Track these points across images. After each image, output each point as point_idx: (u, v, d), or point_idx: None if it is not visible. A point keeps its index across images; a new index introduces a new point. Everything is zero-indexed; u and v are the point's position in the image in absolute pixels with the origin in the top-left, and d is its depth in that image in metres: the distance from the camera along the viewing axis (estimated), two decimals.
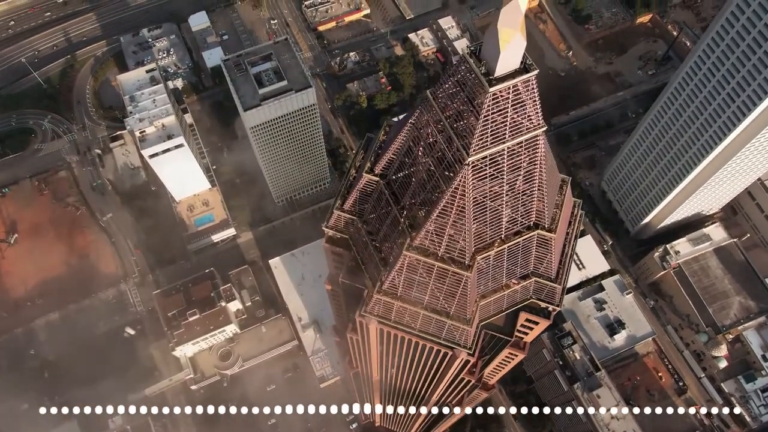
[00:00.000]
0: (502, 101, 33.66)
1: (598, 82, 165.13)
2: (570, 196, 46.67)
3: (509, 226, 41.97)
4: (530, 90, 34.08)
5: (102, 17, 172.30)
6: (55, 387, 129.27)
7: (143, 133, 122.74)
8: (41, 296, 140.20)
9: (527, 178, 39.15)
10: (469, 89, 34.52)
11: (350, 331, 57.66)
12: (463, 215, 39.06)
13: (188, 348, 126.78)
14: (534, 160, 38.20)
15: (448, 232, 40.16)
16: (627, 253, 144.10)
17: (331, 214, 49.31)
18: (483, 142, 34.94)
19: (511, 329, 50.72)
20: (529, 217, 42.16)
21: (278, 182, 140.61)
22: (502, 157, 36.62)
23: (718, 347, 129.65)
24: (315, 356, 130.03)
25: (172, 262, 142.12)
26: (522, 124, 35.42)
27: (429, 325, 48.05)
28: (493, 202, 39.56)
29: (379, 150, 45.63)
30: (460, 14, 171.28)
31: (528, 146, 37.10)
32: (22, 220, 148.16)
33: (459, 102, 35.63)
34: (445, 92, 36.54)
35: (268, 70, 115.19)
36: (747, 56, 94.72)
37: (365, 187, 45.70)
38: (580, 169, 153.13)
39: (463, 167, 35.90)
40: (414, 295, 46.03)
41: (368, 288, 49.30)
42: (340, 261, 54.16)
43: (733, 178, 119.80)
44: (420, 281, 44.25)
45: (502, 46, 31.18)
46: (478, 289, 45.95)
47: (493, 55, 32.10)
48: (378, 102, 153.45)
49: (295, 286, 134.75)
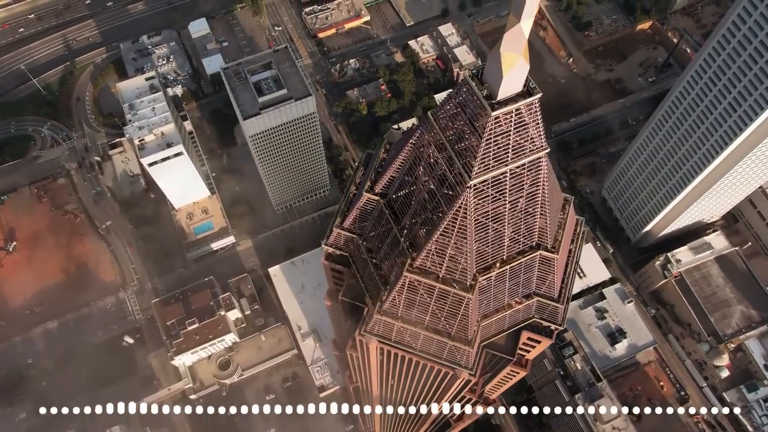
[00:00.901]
0: (505, 124, 33.18)
1: (599, 89, 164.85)
2: (573, 215, 46.16)
3: (511, 246, 41.44)
4: (533, 113, 33.61)
5: (101, 24, 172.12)
6: (54, 396, 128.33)
7: (142, 141, 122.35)
8: (40, 304, 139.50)
9: (530, 199, 38.63)
10: (470, 111, 34.03)
11: (350, 348, 57.05)
12: (465, 236, 38.53)
13: (187, 357, 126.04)
14: (536, 182, 37.69)
15: (450, 253, 39.63)
16: (628, 261, 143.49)
17: (330, 232, 48.79)
18: (485, 165, 34.45)
19: (513, 348, 50.13)
20: (532, 237, 41.64)
21: (278, 190, 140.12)
22: (505, 178, 36.13)
23: (719, 356, 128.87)
24: (314, 365, 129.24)
25: (172, 270, 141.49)
26: (525, 147, 34.93)
27: (430, 345, 47.47)
28: (495, 223, 39.04)
29: (380, 168, 45.12)
30: (460, 21, 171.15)
31: (530, 168, 36.60)
32: (20, 228, 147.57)
33: (460, 124, 35.14)
34: (447, 113, 36.07)
35: (267, 79, 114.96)
36: (749, 66, 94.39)
37: (365, 205, 45.18)
38: (581, 177, 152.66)
39: (464, 190, 35.40)
40: (415, 316, 45.45)
41: (368, 306, 48.72)
42: (340, 278, 53.62)
43: (735, 186, 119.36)
44: (421, 302, 43.67)
45: (505, 70, 30.70)
46: (479, 310, 45.39)
47: (496, 79, 31.62)
48: (378, 109, 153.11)
49: (295, 294, 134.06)
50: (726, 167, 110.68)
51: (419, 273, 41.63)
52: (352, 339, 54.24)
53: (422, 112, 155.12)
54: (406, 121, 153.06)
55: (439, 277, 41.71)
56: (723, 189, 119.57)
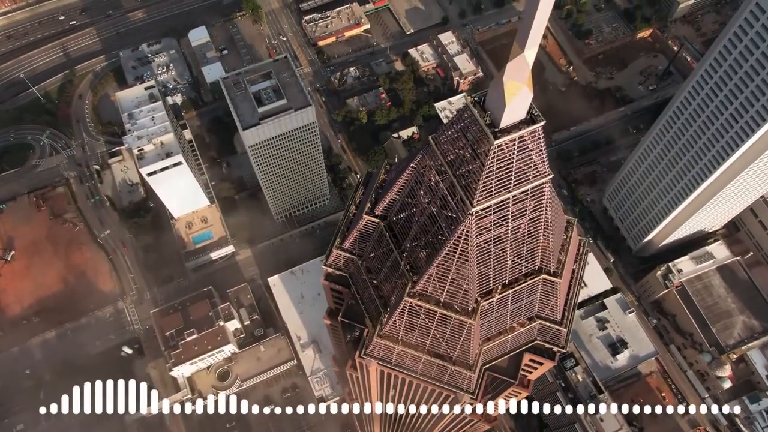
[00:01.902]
0: (507, 152, 32.66)
1: (599, 97, 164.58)
2: (576, 236, 45.61)
3: (514, 270, 40.86)
4: (536, 140, 33.10)
5: (101, 32, 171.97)
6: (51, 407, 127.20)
7: (141, 151, 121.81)
8: (38, 314, 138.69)
9: (532, 223, 38.10)
10: (472, 138, 33.53)
11: (349, 368, 56.37)
12: (467, 262, 37.95)
13: (186, 368, 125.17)
14: (540, 207, 37.15)
15: (451, 278, 39.02)
16: (629, 271, 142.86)
17: (330, 253, 48.22)
18: (487, 192, 33.91)
19: (515, 370, 49.48)
20: (534, 261, 41.07)
21: (277, 199, 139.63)
22: (507, 204, 35.58)
23: (721, 367, 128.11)
24: (314, 376, 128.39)
25: (170, 280, 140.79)
26: (528, 173, 34.41)
27: (431, 369, 46.82)
28: (497, 248, 38.48)
29: (380, 190, 44.58)
30: (461, 29, 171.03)
31: (533, 193, 36.08)
32: (19, 237, 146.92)
33: (462, 149, 34.64)
34: (448, 138, 35.56)
35: (267, 89, 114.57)
36: (750, 78, 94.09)
37: (365, 227, 44.63)
38: (581, 186, 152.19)
39: (466, 216, 34.86)
40: (416, 339, 44.81)
41: (368, 328, 48.11)
42: (340, 297, 53.01)
43: (737, 196, 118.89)
44: (422, 326, 43.05)
45: (507, 99, 30.18)
46: (481, 333, 44.76)
47: (498, 106, 31.10)
48: (378, 118, 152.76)
49: (294, 304, 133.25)
50: (728, 177, 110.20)
51: (420, 298, 41.04)
52: (351, 359, 53.57)
53: (422, 121, 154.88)
54: (406, 129, 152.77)
55: (441, 302, 41.10)
56: (725, 199, 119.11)
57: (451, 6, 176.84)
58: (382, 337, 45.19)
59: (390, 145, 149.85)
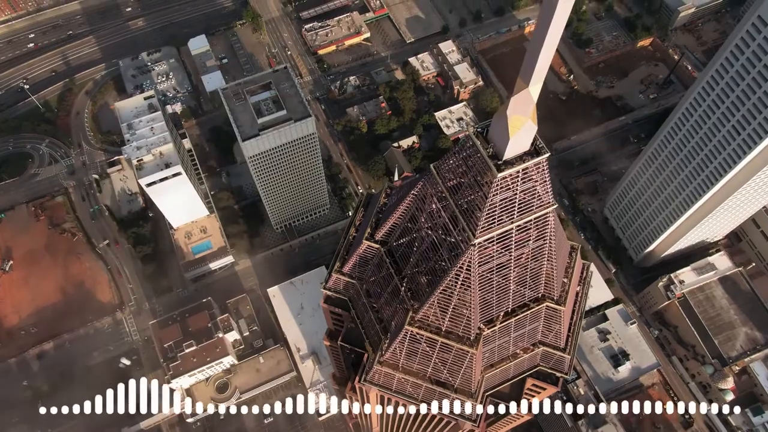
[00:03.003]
0: (511, 183, 32.06)
1: (600, 106, 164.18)
2: (580, 262, 44.93)
3: (517, 298, 40.18)
4: (541, 171, 32.47)
5: (101, 40, 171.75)
6: (49, 419, 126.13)
7: (140, 161, 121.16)
8: (35, 325, 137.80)
9: (536, 252, 37.45)
10: (475, 169, 32.91)
11: (349, 391, 55.57)
12: (469, 291, 37.29)
13: (184, 380, 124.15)
14: (543, 236, 36.51)
15: (453, 307, 38.35)
16: (630, 282, 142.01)
17: (329, 277, 47.52)
18: (490, 223, 33.29)
19: (518, 396, 48.69)
20: (538, 289, 40.39)
21: (277, 209, 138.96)
22: (510, 235, 34.94)
23: (724, 380, 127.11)
24: (313, 388, 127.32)
25: (169, 290, 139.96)
26: (531, 203, 33.79)
27: (432, 396, 46.04)
28: (500, 277, 37.82)
29: (380, 214, 43.94)
30: (461, 38, 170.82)
31: (537, 223, 35.45)
32: (17, 247, 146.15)
33: (464, 179, 34.00)
34: (450, 168, 34.94)
35: (267, 100, 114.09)
36: (753, 90, 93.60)
37: (365, 252, 43.96)
38: (582, 195, 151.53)
39: (469, 247, 34.21)
40: (417, 367, 44.06)
41: (368, 353, 47.36)
42: (340, 320, 52.29)
43: (740, 207, 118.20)
44: (423, 354, 42.34)
45: (511, 132, 29.59)
46: (483, 361, 44.03)
47: (502, 139, 30.51)
48: (378, 127, 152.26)
49: (294, 315, 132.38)
50: (731, 189, 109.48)
51: (421, 326, 40.32)
52: (351, 383, 52.78)
53: (422, 130, 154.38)
54: (406, 139, 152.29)
55: (442, 331, 40.37)
56: (727, 210, 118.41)
57: (451, 15, 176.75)
58: (382, 364, 44.42)
59: (390, 154, 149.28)
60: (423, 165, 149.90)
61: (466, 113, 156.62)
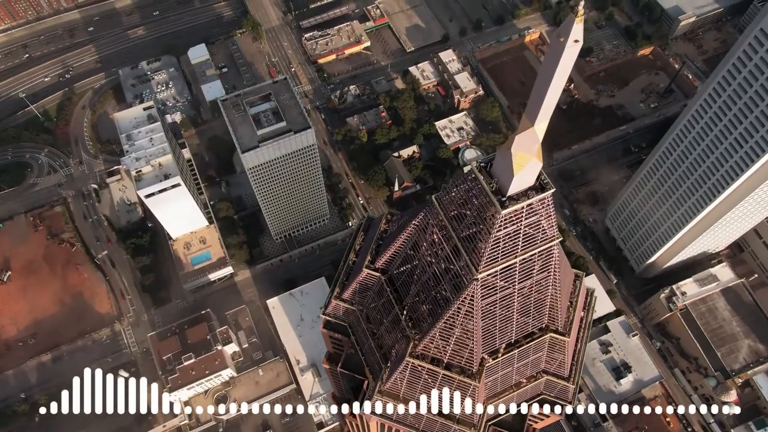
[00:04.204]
0: (515, 219, 31.37)
1: (601, 115, 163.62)
2: (584, 290, 44.17)
3: (520, 330, 39.44)
4: (546, 207, 31.78)
5: (100, 49, 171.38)
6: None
7: (139, 172, 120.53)
8: (33, 336, 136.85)
9: (540, 284, 36.73)
10: (478, 203, 32.23)
11: (349, 415, 54.72)
12: (471, 324, 36.55)
13: (183, 392, 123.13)
14: (547, 268, 35.80)
15: (455, 339, 37.60)
16: (632, 293, 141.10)
17: (328, 302, 46.76)
18: (493, 258, 32.59)
19: (521, 425, 47.85)
20: (542, 319, 39.66)
21: (277, 219, 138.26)
22: (514, 268, 34.24)
23: (727, 392, 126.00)
24: (313, 401, 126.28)
25: (168, 302, 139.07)
26: (536, 237, 33.10)
27: (434, 426, 45.21)
28: (503, 310, 37.09)
29: (381, 240, 43.23)
30: (461, 47, 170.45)
31: (541, 256, 34.74)
32: (15, 257, 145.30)
33: (466, 212, 33.31)
34: (452, 200, 34.25)
35: (266, 111, 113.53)
36: (755, 103, 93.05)
37: (365, 280, 43.22)
38: (583, 205, 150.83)
39: (471, 281, 33.50)
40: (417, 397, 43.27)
41: (369, 380, 46.56)
42: (340, 344, 51.49)
43: (743, 219, 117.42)
44: (424, 385, 41.53)
45: (516, 170, 28.90)
46: (486, 392, 43.22)
47: (506, 175, 29.84)
48: (378, 137, 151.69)
49: (294, 327, 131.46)
50: (734, 200, 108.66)
51: (422, 358, 39.53)
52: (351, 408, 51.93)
53: (423, 140, 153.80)
54: (406, 148, 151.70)
55: (444, 363, 39.58)
56: (731, 221, 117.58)
57: (451, 24, 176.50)
58: (382, 394, 43.59)
59: (390, 164, 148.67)
60: (423, 175, 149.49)
61: (467, 123, 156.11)
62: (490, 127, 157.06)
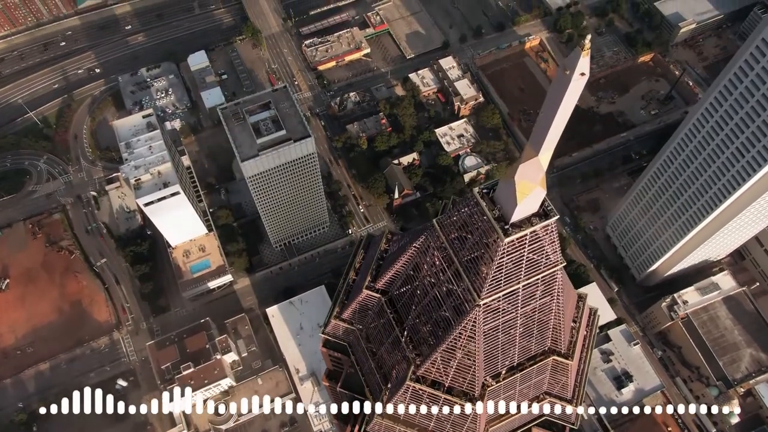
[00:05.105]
0: (519, 246, 30.87)
1: (601, 122, 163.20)
2: (587, 310, 43.62)
3: (523, 353, 38.89)
4: (549, 233, 31.29)
5: (100, 56, 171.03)
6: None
7: (139, 181, 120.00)
8: (31, 344, 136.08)
9: (543, 308, 36.21)
10: (480, 229, 31.73)
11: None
12: (473, 348, 36.00)
13: (182, 402, 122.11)
14: (551, 292, 35.28)
15: (456, 364, 37.04)
16: (633, 301, 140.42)
17: (328, 322, 46.20)
18: (496, 285, 32.07)
19: None
20: (545, 342, 39.10)
21: (276, 227, 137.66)
22: (517, 293, 33.71)
23: (729, 402, 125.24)
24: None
25: (167, 310, 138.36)
26: (539, 263, 32.60)
27: None
28: (505, 334, 36.55)
29: (381, 261, 42.70)
30: (461, 54, 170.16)
31: (545, 280, 34.24)
32: (14, 265, 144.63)
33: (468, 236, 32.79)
34: (453, 224, 33.76)
35: (266, 119, 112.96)
36: (757, 113, 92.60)
37: (365, 300, 42.68)
38: (584, 213, 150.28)
39: (474, 307, 32.98)
40: (418, 421, 42.65)
41: (369, 401, 45.92)
42: (339, 362, 50.91)
43: (745, 227, 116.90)
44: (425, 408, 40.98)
45: (519, 198, 28.41)
46: (488, 415, 42.61)
47: (509, 203, 29.34)
48: (378, 144, 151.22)
49: (293, 335, 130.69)
50: (736, 209, 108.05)
51: (423, 383, 38.94)
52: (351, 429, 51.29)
53: (423, 147, 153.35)
54: (406, 155, 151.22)
55: (445, 387, 39.00)
56: (733, 230, 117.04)
57: (451, 30, 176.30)
58: (383, 416, 42.99)
59: (390, 171, 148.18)
60: (423, 182, 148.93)
61: (467, 130, 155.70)
62: (491, 134, 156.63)
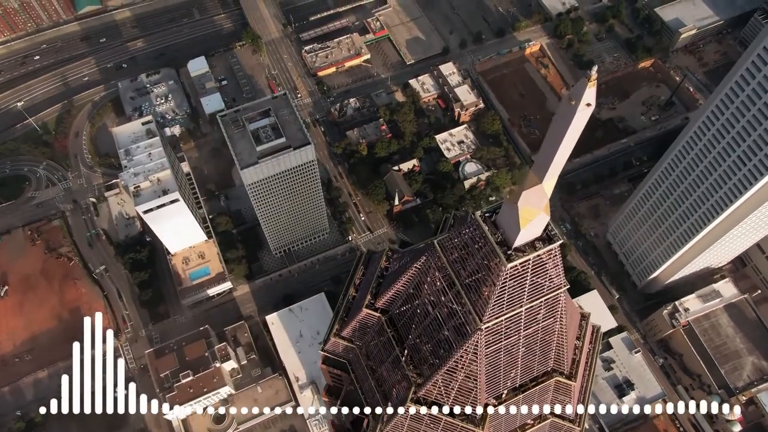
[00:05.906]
0: (522, 270, 30.41)
1: (601, 128, 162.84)
2: (591, 329, 43.14)
3: (525, 374, 38.38)
4: (553, 258, 30.83)
5: (100, 62, 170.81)
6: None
7: (138, 188, 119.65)
8: (30, 352, 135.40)
9: (546, 330, 35.74)
10: (482, 252, 31.27)
11: None
12: (475, 370, 35.49)
13: (181, 410, 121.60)
14: (554, 314, 34.81)
15: (458, 386, 36.54)
16: (634, 308, 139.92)
17: (327, 339, 45.70)
18: (498, 308, 31.60)
19: None
20: (547, 363, 38.60)
21: (276, 234, 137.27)
22: (519, 317, 33.26)
23: (731, 410, 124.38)
24: (313, 419, 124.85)
25: (166, 317, 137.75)
26: (542, 286, 32.13)
27: None
28: (507, 356, 36.05)
29: (381, 279, 42.23)
30: (461, 59, 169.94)
31: (548, 303, 33.77)
32: (12, 272, 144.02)
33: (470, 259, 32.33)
34: (455, 247, 33.30)
35: (266, 127, 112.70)
36: (758, 121, 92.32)
37: (365, 319, 42.19)
38: (585, 219, 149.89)
39: (476, 331, 32.50)
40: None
41: (369, 419, 45.41)
42: (339, 378, 50.36)
43: (747, 235, 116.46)
44: (426, 430, 40.40)
45: (522, 224, 27.95)
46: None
47: (512, 229, 28.88)
48: (378, 150, 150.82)
49: (293, 343, 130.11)
50: (738, 217, 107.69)
51: (424, 404, 38.43)
52: None
53: (423, 153, 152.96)
54: (406, 162, 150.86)
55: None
56: (734, 238, 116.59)
57: (451, 36, 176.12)
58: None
59: (390, 177, 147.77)
60: (423, 188, 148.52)
61: (467, 136, 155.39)
62: (491, 141, 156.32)
